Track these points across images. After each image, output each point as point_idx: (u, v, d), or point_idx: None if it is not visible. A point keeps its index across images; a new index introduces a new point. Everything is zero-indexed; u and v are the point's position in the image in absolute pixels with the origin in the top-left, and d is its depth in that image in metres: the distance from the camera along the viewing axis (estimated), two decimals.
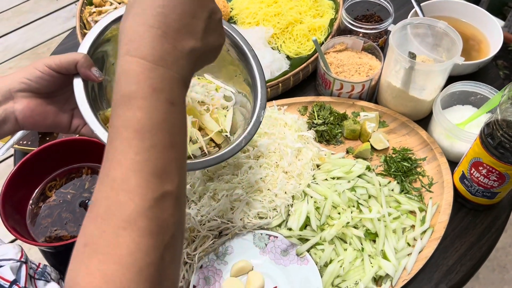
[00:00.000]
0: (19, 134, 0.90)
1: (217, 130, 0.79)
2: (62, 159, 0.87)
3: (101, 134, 0.62)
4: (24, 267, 0.70)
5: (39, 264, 0.75)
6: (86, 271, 0.37)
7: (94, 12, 1.14)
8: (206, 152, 0.78)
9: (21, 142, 0.95)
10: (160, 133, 0.41)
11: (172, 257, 0.40)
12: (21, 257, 0.71)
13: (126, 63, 0.42)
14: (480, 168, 0.77)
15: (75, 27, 1.12)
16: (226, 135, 0.80)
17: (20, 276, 0.69)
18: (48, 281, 0.73)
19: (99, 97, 0.71)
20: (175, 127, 0.42)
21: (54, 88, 0.64)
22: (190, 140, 0.78)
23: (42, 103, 0.64)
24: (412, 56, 0.87)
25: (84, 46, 0.66)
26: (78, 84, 0.63)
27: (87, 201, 0.81)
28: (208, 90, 0.84)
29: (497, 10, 2.40)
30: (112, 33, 0.70)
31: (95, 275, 0.36)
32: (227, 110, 0.83)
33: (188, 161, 0.69)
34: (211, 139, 0.82)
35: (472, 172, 0.80)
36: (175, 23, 0.43)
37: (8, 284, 0.66)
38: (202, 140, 0.78)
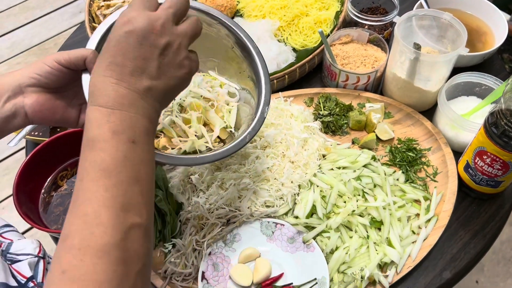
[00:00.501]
0: (31, 125, 0.92)
1: (222, 126, 0.81)
2: (73, 149, 0.88)
3: None
4: (41, 262, 0.71)
5: None
6: None
7: (102, 6, 1.16)
8: (211, 147, 0.80)
9: (32, 133, 0.96)
10: (124, 170, 0.45)
11: (142, 283, 0.44)
12: (39, 252, 0.72)
13: (89, 113, 0.48)
14: (484, 157, 0.78)
15: (83, 21, 1.14)
16: (231, 131, 0.82)
17: (37, 272, 0.70)
18: None
19: None
20: (138, 163, 0.47)
21: (63, 83, 0.65)
22: (195, 135, 0.80)
23: (51, 98, 0.65)
24: (417, 47, 0.88)
25: (92, 42, 0.67)
26: (86, 80, 0.64)
27: None
28: (212, 86, 0.85)
29: (503, 6, 2.39)
30: None
31: None
32: (232, 106, 0.84)
33: (194, 156, 0.71)
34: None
35: (476, 161, 0.81)
36: (127, 68, 0.48)
37: (25, 280, 0.68)
38: (207, 136, 0.80)
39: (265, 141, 0.89)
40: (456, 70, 0.95)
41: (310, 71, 1.08)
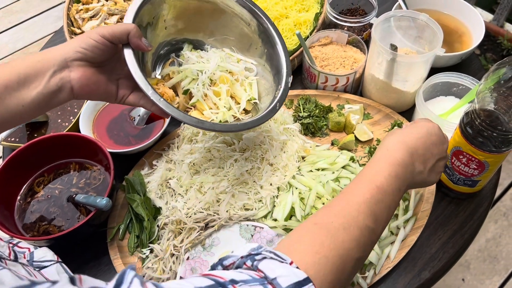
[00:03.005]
0: (7, 130, 0.90)
1: (248, 98, 0.85)
2: (50, 155, 0.88)
3: (156, 99, 0.65)
4: (64, 265, 0.73)
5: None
6: (307, 238, 0.52)
7: (81, 9, 1.15)
8: (240, 118, 0.83)
9: (9, 139, 0.95)
10: (387, 196, 0.58)
11: (355, 270, 0.55)
12: (57, 258, 0.74)
13: (383, 163, 0.61)
14: (461, 156, 0.79)
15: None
16: (255, 102, 0.86)
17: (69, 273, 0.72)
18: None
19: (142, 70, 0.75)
20: (393, 200, 0.59)
21: (106, 57, 0.67)
22: (224, 107, 0.84)
23: (95, 72, 0.66)
24: (394, 48, 0.88)
25: (129, 16, 0.69)
26: (129, 54, 0.67)
27: (74, 195, 0.82)
28: (233, 62, 0.88)
29: (487, 6, 2.42)
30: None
31: (313, 241, 0.51)
32: (251, 80, 0.88)
33: (236, 123, 0.77)
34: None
35: (453, 161, 0.81)
36: (419, 153, 0.63)
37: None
38: (235, 107, 0.84)
39: (244, 144, 0.88)
40: (435, 71, 0.96)
41: None
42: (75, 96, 0.66)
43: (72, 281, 0.35)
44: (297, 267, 0.47)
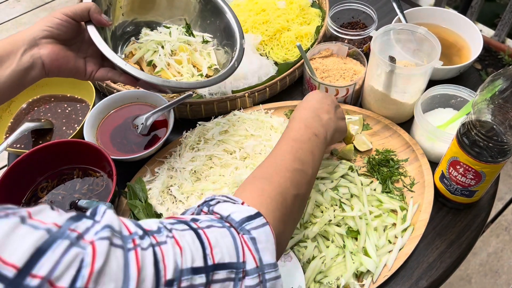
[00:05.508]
0: (13, 137, 0.92)
1: (208, 65, 0.96)
2: (54, 161, 0.90)
3: (122, 64, 0.75)
4: None
5: None
6: (250, 186, 0.61)
7: None
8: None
9: (14, 145, 0.97)
10: (304, 144, 0.69)
11: (298, 208, 0.63)
12: None
13: (297, 123, 0.74)
14: (458, 167, 0.80)
15: None
16: (216, 68, 0.98)
17: None
18: None
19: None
20: (312, 145, 0.70)
21: (71, 35, 0.75)
22: (187, 73, 0.95)
23: (63, 49, 0.74)
24: (392, 60, 0.90)
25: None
26: (92, 29, 0.76)
27: (77, 201, 0.83)
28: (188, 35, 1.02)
29: (489, 21, 2.44)
30: None
31: (256, 187, 0.60)
32: (209, 51, 1.02)
33: (193, 81, 0.90)
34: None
35: (450, 171, 0.82)
36: (317, 107, 0.78)
37: None
38: (196, 73, 0.94)
39: (244, 152, 0.90)
40: (434, 83, 0.97)
41: (291, 84, 1.10)
42: (47, 73, 0.72)
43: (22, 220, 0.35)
44: (248, 206, 0.54)
